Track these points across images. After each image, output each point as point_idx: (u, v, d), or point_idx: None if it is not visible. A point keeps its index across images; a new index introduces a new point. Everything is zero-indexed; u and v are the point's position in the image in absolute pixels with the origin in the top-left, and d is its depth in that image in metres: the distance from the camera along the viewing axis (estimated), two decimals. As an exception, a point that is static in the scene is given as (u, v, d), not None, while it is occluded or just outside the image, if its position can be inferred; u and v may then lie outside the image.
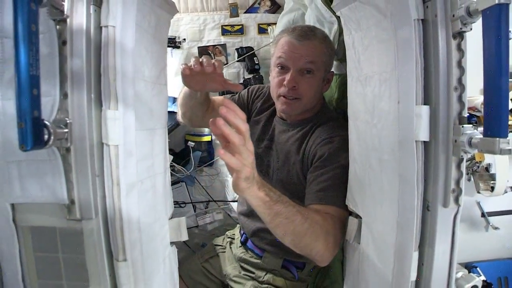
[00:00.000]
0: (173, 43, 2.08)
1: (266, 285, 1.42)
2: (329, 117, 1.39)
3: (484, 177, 1.05)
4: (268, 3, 2.21)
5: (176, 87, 2.04)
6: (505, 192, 1.12)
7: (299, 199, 1.13)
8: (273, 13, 2.24)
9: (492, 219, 1.15)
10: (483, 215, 1.15)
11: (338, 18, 1.41)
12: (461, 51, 0.74)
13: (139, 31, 0.84)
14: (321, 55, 1.32)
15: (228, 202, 2.23)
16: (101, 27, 0.76)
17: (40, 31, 0.65)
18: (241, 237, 1.57)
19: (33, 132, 0.62)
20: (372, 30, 0.93)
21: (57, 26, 0.72)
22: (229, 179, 2.30)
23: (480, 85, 1.05)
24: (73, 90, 0.72)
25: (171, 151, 2.15)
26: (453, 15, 0.72)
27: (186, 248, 2.09)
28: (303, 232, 0.99)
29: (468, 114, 0.94)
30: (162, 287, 0.99)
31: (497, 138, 0.64)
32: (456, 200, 0.76)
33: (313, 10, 1.55)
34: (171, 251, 1.06)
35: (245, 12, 2.27)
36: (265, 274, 1.44)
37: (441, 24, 0.74)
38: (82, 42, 0.73)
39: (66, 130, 0.71)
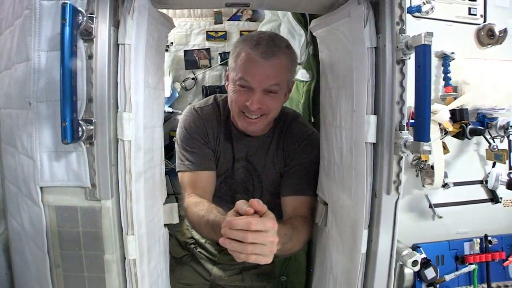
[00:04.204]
0: (162, 45, 2.32)
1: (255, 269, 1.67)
2: (288, 115, 1.56)
3: (429, 173, 1.34)
4: (250, 12, 2.49)
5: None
6: (448, 187, 1.42)
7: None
8: (254, 21, 2.54)
9: (437, 210, 1.44)
10: (430, 206, 1.44)
11: (306, 31, 1.67)
12: (402, 74, 1.01)
13: (146, 46, 1.07)
14: (285, 72, 1.38)
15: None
16: (118, 45, 0.98)
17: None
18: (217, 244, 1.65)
19: (72, 129, 0.85)
20: (339, 51, 1.20)
21: (85, 44, 0.94)
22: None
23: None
24: (97, 95, 0.94)
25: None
26: (397, 47, 0.99)
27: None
28: (296, 246, 1.28)
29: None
30: (158, 262, 1.22)
31: (422, 142, 0.91)
32: (397, 189, 1.03)
33: (285, 23, 1.82)
34: (164, 232, 1.30)
35: (228, 20, 2.57)
36: None
37: (389, 52, 1.01)
38: (104, 57, 0.94)
39: (92, 127, 0.93)
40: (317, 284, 1.40)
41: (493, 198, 1.50)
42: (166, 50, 2.36)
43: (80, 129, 0.88)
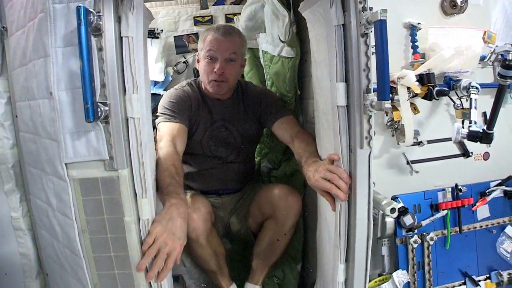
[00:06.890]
0: (153, 34, 2.56)
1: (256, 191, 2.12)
2: (241, 82, 2.17)
3: (403, 132, 1.59)
4: (234, -4, 2.74)
5: (157, 72, 2.54)
6: (423, 144, 1.68)
7: (256, 142, 2.26)
8: (238, 4, 2.80)
9: (414, 166, 1.70)
10: (407, 162, 1.70)
11: (289, 11, 1.90)
12: (366, 45, 1.24)
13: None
14: (240, 47, 1.98)
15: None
16: (121, 37, 1.21)
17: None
18: (219, 191, 2.14)
19: (93, 110, 1.08)
20: (320, 29, 1.43)
21: (95, 38, 1.17)
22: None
23: (399, 64, 1.61)
24: (108, 81, 1.18)
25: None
26: (360, 22, 1.23)
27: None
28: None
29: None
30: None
31: (383, 101, 1.16)
32: (369, 144, 1.27)
33: (269, 4, 2.04)
34: None
35: (213, 4, 2.82)
36: (247, 186, 2.18)
37: (353, 27, 1.24)
38: (112, 48, 1.17)
39: (107, 108, 1.17)
40: (319, 235, 1.66)
41: (465, 153, 1.76)
42: (157, 37, 2.62)
43: (99, 109, 1.12)
